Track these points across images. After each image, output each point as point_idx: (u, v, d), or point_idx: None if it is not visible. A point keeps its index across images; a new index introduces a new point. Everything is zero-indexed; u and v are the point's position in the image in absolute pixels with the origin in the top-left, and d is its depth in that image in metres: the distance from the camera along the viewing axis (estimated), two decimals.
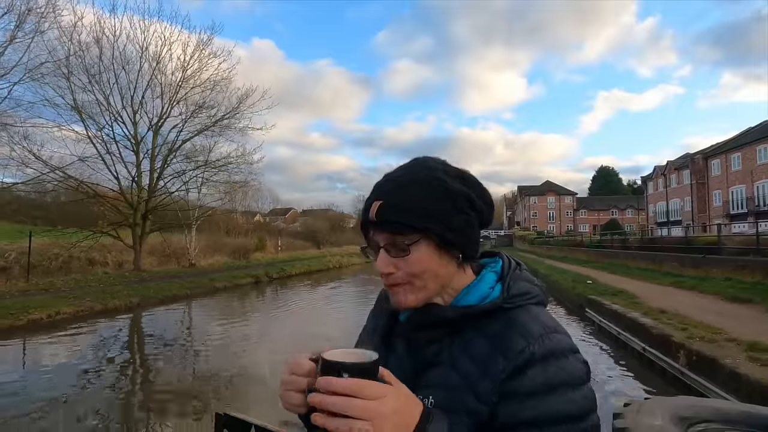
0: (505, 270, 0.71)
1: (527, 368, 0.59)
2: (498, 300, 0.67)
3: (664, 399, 1.25)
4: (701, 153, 36.80)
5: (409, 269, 0.65)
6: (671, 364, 5.80)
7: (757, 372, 4.46)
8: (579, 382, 0.60)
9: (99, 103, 16.42)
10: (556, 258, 27.45)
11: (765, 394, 4.08)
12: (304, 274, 24.03)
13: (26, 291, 12.59)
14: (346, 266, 31.50)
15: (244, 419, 1.07)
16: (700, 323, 6.76)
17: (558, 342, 0.62)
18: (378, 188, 0.69)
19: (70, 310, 10.54)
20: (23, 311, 9.70)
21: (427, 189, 0.66)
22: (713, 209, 33.99)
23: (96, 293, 12.55)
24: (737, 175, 31.40)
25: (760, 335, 5.70)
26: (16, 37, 12.05)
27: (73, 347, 8.05)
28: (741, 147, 31.28)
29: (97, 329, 9.61)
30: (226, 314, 12.22)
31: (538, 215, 69.11)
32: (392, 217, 0.65)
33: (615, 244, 24.74)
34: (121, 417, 4.97)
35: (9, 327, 9.01)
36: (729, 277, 11.10)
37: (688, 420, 1.01)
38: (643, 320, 7.28)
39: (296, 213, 76.66)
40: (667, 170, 40.99)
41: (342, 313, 12.30)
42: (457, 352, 0.65)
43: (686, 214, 37.07)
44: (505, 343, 0.62)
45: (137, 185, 18.42)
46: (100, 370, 6.72)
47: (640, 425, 1.00)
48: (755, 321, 6.91)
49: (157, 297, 13.46)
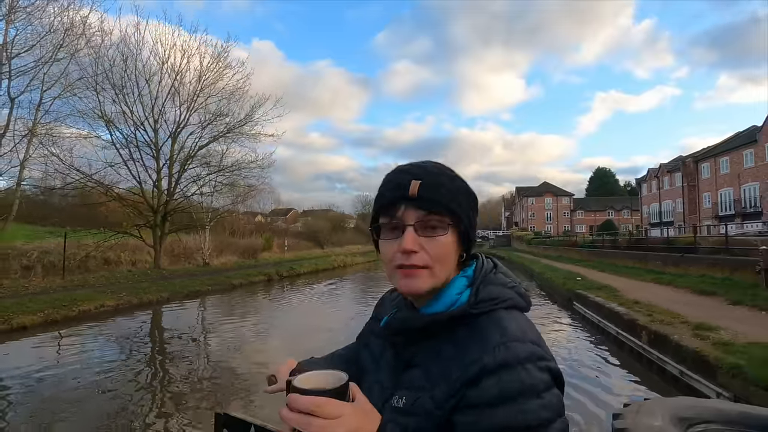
0: (477, 274, 0.71)
1: (480, 379, 0.60)
2: (465, 306, 0.67)
3: (664, 400, 1.27)
4: (692, 156, 38.15)
5: (435, 251, 0.67)
6: (636, 342, 7.06)
7: (695, 344, 5.71)
8: (536, 391, 0.59)
9: (124, 113, 17.62)
10: (551, 257, 28.72)
11: (696, 359, 5.34)
12: (312, 273, 25.25)
13: (65, 286, 13.78)
14: (350, 265, 32.73)
15: (243, 419, 1.08)
16: (665, 311, 8.01)
17: (515, 351, 0.61)
18: (408, 171, 0.70)
19: (112, 303, 11.77)
20: (73, 304, 10.91)
21: (455, 183, 0.71)
22: (703, 211, 35.32)
23: (128, 289, 13.75)
24: (725, 178, 32.74)
25: (708, 319, 6.96)
26: (57, 57, 13.24)
27: (142, 331, 9.30)
28: (729, 151, 32.62)
29: (147, 317, 11.00)
30: (255, 307, 13.46)
31: (535, 216, 70.41)
32: (435, 196, 0.67)
33: (606, 244, 26.03)
34: (193, 375, 6.20)
35: (64, 317, 10.23)
36: (703, 274, 12.36)
37: (688, 420, 1.01)
38: (618, 309, 8.54)
39: (297, 213, 77.16)
40: (660, 173, 42.33)
41: (362, 299, 13.54)
42: (429, 356, 0.68)
43: (678, 216, 38.39)
44: (464, 352, 0.63)
45: (157, 189, 19.62)
46: (171, 342, 7.99)
47: (639, 426, 1.00)
48: (711, 309, 8.16)
49: (183, 292, 14.69)
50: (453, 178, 0.71)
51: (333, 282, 21.19)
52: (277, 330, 10.13)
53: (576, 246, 30.49)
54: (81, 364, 6.90)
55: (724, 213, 32.20)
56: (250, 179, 22.75)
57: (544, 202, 70.86)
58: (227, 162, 21.38)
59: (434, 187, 0.68)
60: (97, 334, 9.29)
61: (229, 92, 20.25)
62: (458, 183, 0.72)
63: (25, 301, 10.67)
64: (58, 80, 13.77)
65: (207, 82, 19.88)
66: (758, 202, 29.28)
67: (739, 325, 6.54)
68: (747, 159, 30.51)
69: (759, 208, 29.00)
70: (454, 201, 0.69)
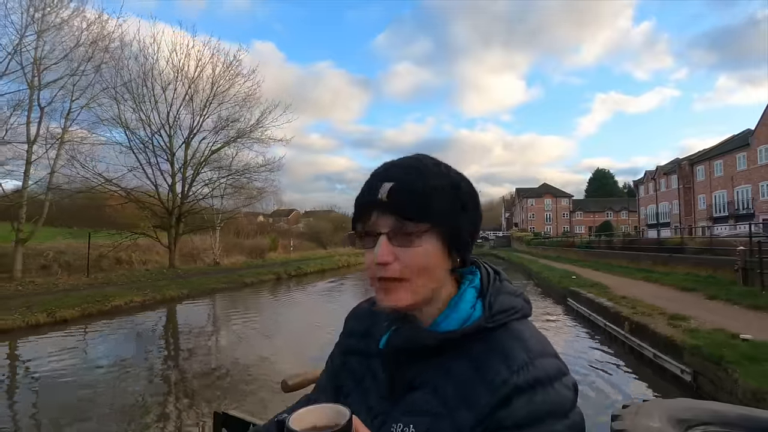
0: (485, 284, 0.67)
1: (511, 400, 0.57)
2: (480, 320, 0.63)
3: (663, 401, 1.25)
4: (688, 159, 39.05)
5: (411, 261, 0.60)
6: (619, 331, 7.96)
7: (668, 331, 6.59)
8: (564, 411, 0.58)
9: (142, 120, 18.55)
10: (550, 258, 29.61)
11: (667, 343, 6.23)
12: (318, 272, 26.16)
13: (91, 284, 14.70)
14: (353, 265, 33.64)
15: (242, 418, 1.06)
16: (647, 305, 8.89)
17: (543, 369, 0.59)
18: (385, 171, 0.64)
19: (139, 299, 12.67)
20: (105, 299, 11.80)
21: (439, 182, 0.63)
22: (698, 212, 36.21)
23: (151, 286, 14.65)
24: (719, 181, 33.63)
25: (684, 311, 7.84)
26: (83, 70, 14.15)
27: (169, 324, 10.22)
28: (723, 154, 33.52)
29: (173, 312, 11.96)
30: (271, 302, 14.38)
31: (535, 217, 71.30)
32: (406, 200, 0.60)
33: (602, 244, 26.95)
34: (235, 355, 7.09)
35: (98, 311, 11.13)
36: (688, 272, 13.26)
37: (687, 422, 1.01)
38: (606, 304, 9.43)
39: (298, 214, 77.85)
40: (657, 175, 43.24)
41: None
42: (438, 376, 0.63)
43: (674, 217, 39.27)
44: (488, 372, 0.59)
45: (172, 192, 20.54)
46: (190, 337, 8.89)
47: (638, 427, 1.00)
48: (689, 303, 9.04)
49: (201, 289, 15.59)
50: (439, 176, 0.63)
51: (340, 280, 22.10)
52: (291, 325, 11.03)
53: (573, 247, 31.40)
54: (107, 357, 7.48)
55: (719, 215, 33.08)
56: (258, 182, 23.71)
57: (544, 203, 71.75)
58: (237, 165, 22.38)
59: (410, 189, 0.60)
60: (129, 327, 10.21)
61: (241, 99, 21.17)
62: (441, 181, 0.63)
63: (60, 297, 11.58)
64: (85, 91, 14.69)
65: (219, 89, 20.81)
66: (750, 204, 30.16)
67: (709, 315, 7.43)
68: (740, 162, 31.40)
69: (751, 209, 29.86)
70: (435, 204, 0.61)
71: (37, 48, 13.73)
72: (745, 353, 4.96)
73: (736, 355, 4.92)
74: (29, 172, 14.03)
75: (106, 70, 16.05)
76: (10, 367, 7.03)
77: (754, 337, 5.60)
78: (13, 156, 14.09)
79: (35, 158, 14.19)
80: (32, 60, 13.58)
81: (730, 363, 4.78)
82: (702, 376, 5.30)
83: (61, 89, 14.55)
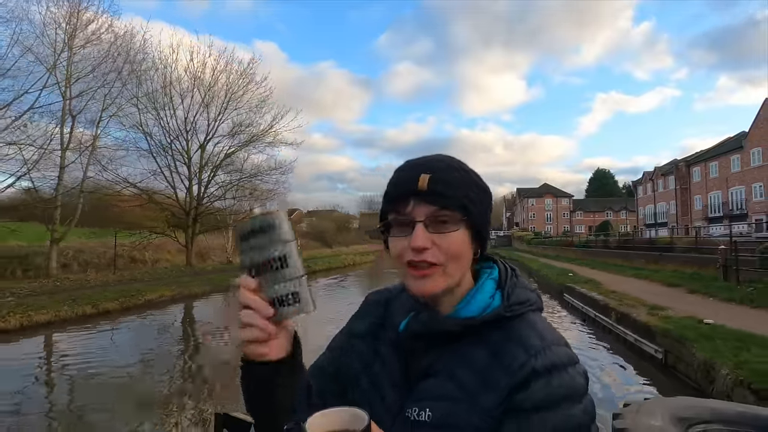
0: (503, 277, 0.71)
1: (530, 383, 0.59)
2: (499, 309, 0.66)
3: (664, 399, 1.29)
4: (684, 161, 40.05)
5: (447, 247, 0.64)
6: (607, 321, 8.99)
7: (646, 319, 7.62)
8: (579, 395, 0.60)
9: (162, 127, 19.66)
10: (550, 257, 30.62)
11: (645, 329, 7.26)
12: (326, 270, 27.25)
13: (119, 281, 15.77)
14: (359, 264, 34.73)
15: (243, 419, 1.06)
16: (634, 298, 9.91)
17: (558, 355, 0.62)
18: (421, 164, 0.67)
19: (169, 294, 13.75)
20: (138, 294, 12.87)
21: (468, 177, 0.68)
22: (694, 212, 37.20)
23: (176, 283, 15.72)
24: (715, 182, 34.62)
25: (664, 303, 8.86)
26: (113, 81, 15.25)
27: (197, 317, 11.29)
28: (718, 156, 34.51)
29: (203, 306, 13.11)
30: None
31: (535, 216, 72.29)
32: (446, 191, 0.64)
33: (599, 244, 27.96)
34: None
35: (134, 305, 12.20)
36: (676, 270, 14.27)
37: (687, 420, 1.01)
38: (597, 297, 10.46)
39: (301, 214, 78.63)
40: (655, 176, 44.23)
41: None
42: (455, 362, 0.65)
43: (671, 217, 40.25)
44: (506, 356, 0.62)
45: (189, 194, 21.62)
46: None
47: (639, 426, 1.00)
48: (672, 296, 10.07)
49: (222, 285, 16.64)
50: (466, 171, 0.69)
51: (348, 277, 23.18)
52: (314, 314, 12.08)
53: (572, 246, 32.42)
54: (129, 349, 8.22)
55: (714, 215, 34.06)
56: (269, 184, 24.78)
57: (544, 203, 72.74)
58: (248, 168, 23.46)
59: (445, 180, 0.65)
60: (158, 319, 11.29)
61: (254, 105, 22.24)
62: (471, 177, 0.69)
63: (98, 291, 12.65)
64: (114, 101, 15.77)
65: (234, 96, 21.86)
66: (744, 204, 31.13)
67: (685, 306, 8.45)
68: (734, 164, 32.38)
69: (745, 210, 30.83)
70: (467, 196, 0.65)
71: (69, 62, 14.79)
72: (703, 333, 6.00)
73: (697, 335, 5.96)
74: (63, 177, 15.08)
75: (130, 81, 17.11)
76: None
77: (715, 321, 6.63)
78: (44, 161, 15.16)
79: (68, 163, 15.24)
80: (65, 73, 14.63)
81: (691, 341, 5.82)
82: (670, 353, 6.34)
83: (90, 99, 15.60)
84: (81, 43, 14.63)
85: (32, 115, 13.08)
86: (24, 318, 9.23)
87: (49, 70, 13.36)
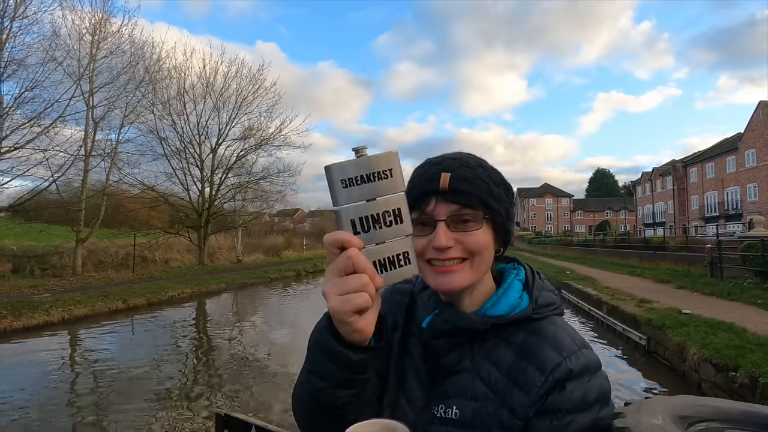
0: (530, 279, 0.71)
1: (565, 384, 0.60)
2: (527, 310, 0.66)
3: (665, 398, 1.07)
4: (682, 161, 40.83)
5: (471, 244, 0.63)
6: (599, 313, 9.83)
7: (633, 310, 8.45)
8: (607, 398, 0.62)
9: (177, 132, 20.53)
10: (549, 255, 31.46)
11: (631, 319, 8.08)
12: None
13: (139, 279, 16.61)
14: None
15: (244, 420, 1.07)
16: (625, 293, 10.72)
17: (590, 358, 0.63)
18: (441, 163, 0.67)
19: (189, 291, 14.59)
20: (161, 290, 13.71)
21: (489, 175, 0.67)
22: (691, 212, 37.99)
23: (193, 281, 16.55)
24: (711, 183, 35.40)
25: (652, 297, 9.68)
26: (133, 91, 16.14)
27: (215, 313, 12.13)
28: (714, 157, 35.28)
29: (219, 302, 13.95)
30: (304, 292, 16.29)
31: (536, 216, 73.07)
32: (468, 189, 0.64)
33: (597, 243, 28.77)
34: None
35: (159, 300, 13.04)
36: (668, 267, 15.08)
37: (689, 419, 0.92)
38: (592, 293, 11.28)
39: (303, 213, 79.26)
40: (653, 176, 45.02)
41: None
42: (481, 361, 0.65)
43: (669, 217, 41.03)
44: (539, 356, 0.62)
45: (202, 196, 22.47)
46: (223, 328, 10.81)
47: (640, 424, 0.84)
48: (660, 291, 10.88)
49: (236, 283, 17.52)
50: (487, 169, 0.68)
51: None
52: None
53: (571, 245, 33.23)
54: (148, 345, 8.57)
55: (710, 215, 34.83)
56: (277, 186, 25.60)
57: (545, 203, 73.52)
58: (257, 170, 24.31)
59: (466, 179, 0.64)
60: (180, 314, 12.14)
61: (264, 109, 23.09)
62: (493, 174, 0.68)
63: (124, 288, 13.49)
64: (134, 108, 16.64)
65: (245, 102, 22.73)
66: (739, 204, 31.90)
67: (670, 300, 9.26)
68: (729, 165, 33.15)
69: (740, 210, 31.60)
70: (489, 193, 0.65)
71: (92, 73, 15.64)
72: (680, 321, 6.83)
73: (674, 323, 6.79)
74: (87, 180, 15.94)
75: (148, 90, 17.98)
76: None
77: (692, 311, 7.46)
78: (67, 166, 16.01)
79: (92, 167, 16.10)
80: (89, 84, 15.49)
81: (668, 328, 6.65)
82: (652, 340, 7.17)
83: (111, 108, 16.46)
84: (104, 54, 15.48)
85: (60, 122, 13.91)
86: (65, 312, 10.07)
87: (76, 81, 14.20)
